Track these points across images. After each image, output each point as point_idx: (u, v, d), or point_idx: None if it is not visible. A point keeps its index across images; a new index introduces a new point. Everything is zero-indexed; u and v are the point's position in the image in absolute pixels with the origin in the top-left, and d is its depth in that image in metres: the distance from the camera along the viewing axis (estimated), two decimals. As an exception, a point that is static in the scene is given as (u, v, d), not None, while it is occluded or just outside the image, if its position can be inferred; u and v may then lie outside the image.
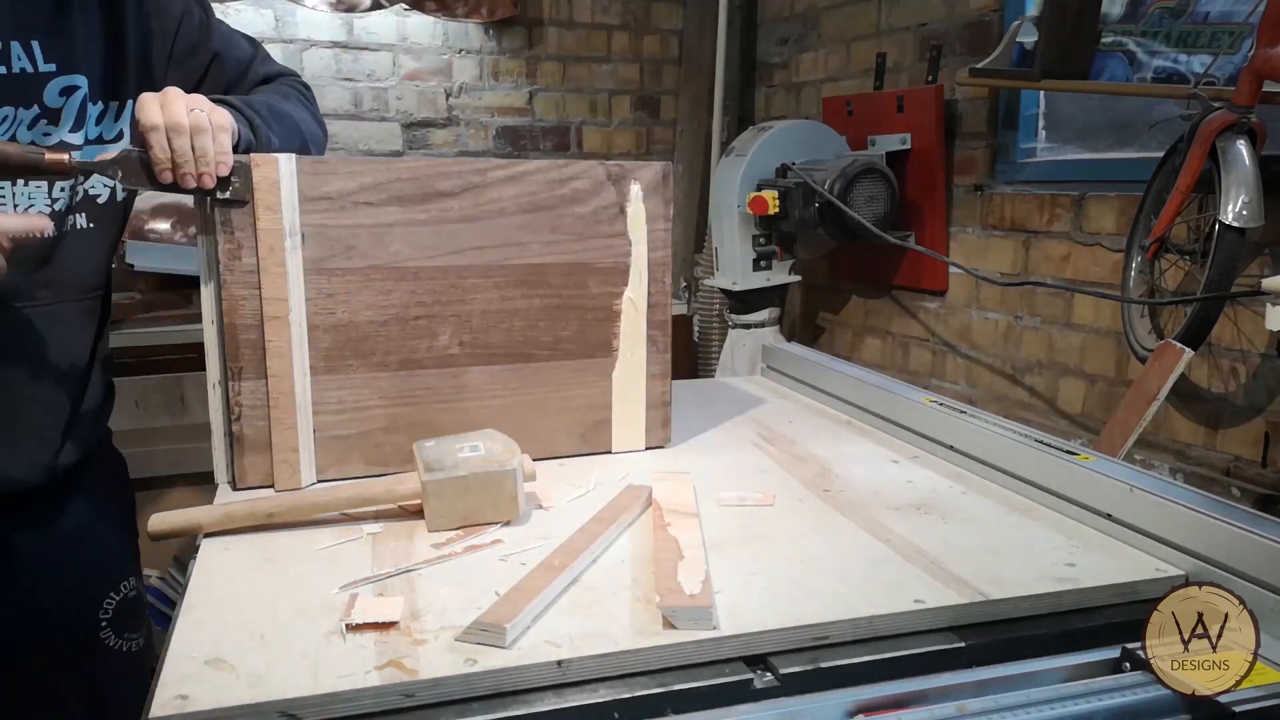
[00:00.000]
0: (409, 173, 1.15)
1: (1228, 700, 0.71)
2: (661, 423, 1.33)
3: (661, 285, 1.29)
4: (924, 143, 2.83)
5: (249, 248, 1.09)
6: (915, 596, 0.85)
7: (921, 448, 1.33)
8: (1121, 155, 2.43)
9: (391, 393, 1.18)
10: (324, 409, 1.15)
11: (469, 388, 1.22)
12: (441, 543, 0.98)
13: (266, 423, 1.12)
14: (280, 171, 1.08)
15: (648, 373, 1.30)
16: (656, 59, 3.84)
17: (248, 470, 1.13)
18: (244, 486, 1.13)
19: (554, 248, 1.22)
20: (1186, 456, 2.18)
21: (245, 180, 1.07)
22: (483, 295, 1.20)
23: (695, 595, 0.82)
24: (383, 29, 3.45)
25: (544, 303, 1.23)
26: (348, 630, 0.78)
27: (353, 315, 1.15)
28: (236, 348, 1.10)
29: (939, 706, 0.71)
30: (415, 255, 1.16)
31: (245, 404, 1.12)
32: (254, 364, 1.11)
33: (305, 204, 1.11)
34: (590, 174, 1.23)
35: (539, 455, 1.25)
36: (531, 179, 1.20)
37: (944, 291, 2.89)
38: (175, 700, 0.68)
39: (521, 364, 1.24)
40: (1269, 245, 1.97)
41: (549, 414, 1.27)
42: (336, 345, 1.15)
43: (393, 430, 1.19)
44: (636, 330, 1.29)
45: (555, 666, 0.74)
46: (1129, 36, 2.26)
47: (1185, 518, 0.94)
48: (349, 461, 1.18)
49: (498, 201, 1.19)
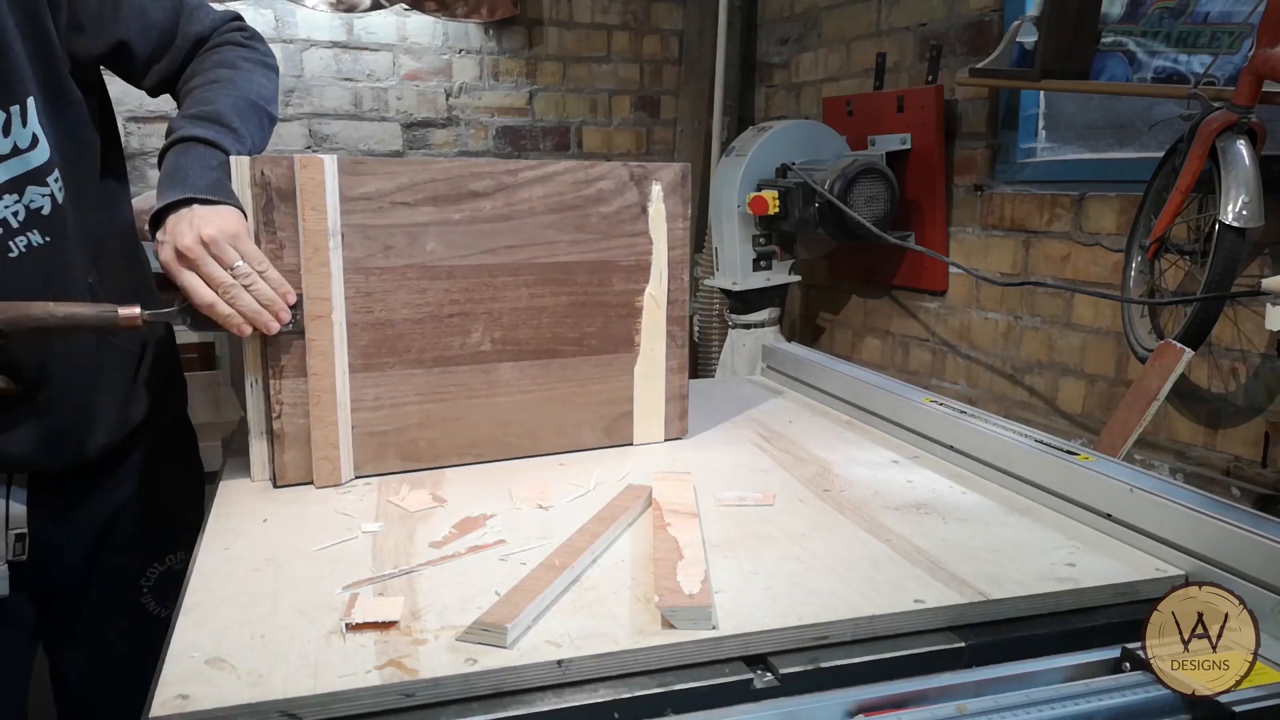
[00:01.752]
0: (443, 173, 1.16)
1: (1228, 700, 0.71)
2: (680, 415, 1.36)
3: (680, 282, 1.31)
4: (924, 143, 2.83)
5: (291, 247, 1.09)
6: (915, 596, 0.85)
7: (921, 448, 1.33)
8: (1121, 155, 2.44)
9: (426, 389, 1.20)
10: (361, 406, 1.17)
11: (499, 383, 1.24)
12: (440, 542, 0.98)
13: (306, 420, 1.14)
14: (325, 172, 1.09)
15: (666, 366, 1.33)
16: (656, 59, 3.84)
17: (288, 467, 1.14)
18: (283, 484, 1.14)
19: (580, 246, 1.25)
20: (1186, 456, 2.18)
21: (299, 307, 1.10)
22: (513, 293, 1.22)
23: (694, 595, 0.82)
24: (383, 29, 3.45)
25: (570, 300, 1.25)
26: (348, 630, 0.78)
27: (390, 314, 1.16)
28: (278, 347, 1.11)
29: (939, 706, 0.71)
30: (449, 254, 1.18)
31: (286, 402, 1.13)
32: (295, 362, 1.12)
33: (344, 204, 1.12)
34: (614, 174, 1.25)
35: (565, 449, 1.29)
36: (559, 179, 1.22)
37: (944, 291, 2.89)
38: (175, 700, 0.68)
39: (549, 359, 1.26)
40: (1269, 245, 1.98)
41: (574, 408, 1.29)
42: (374, 343, 1.16)
43: (426, 425, 1.21)
44: (657, 326, 1.31)
45: (555, 666, 0.74)
46: (1129, 36, 2.26)
47: (1185, 518, 0.94)
48: (385, 457, 1.19)
49: (527, 201, 1.21)
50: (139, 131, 3.17)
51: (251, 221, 1.08)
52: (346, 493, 1.13)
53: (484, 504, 1.09)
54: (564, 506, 1.09)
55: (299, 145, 3.42)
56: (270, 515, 1.06)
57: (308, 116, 3.42)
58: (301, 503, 1.10)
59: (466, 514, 1.06)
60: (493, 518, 1.05)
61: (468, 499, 1.11)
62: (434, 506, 1.08)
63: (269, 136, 1.19)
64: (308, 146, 3.42)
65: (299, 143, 3.42)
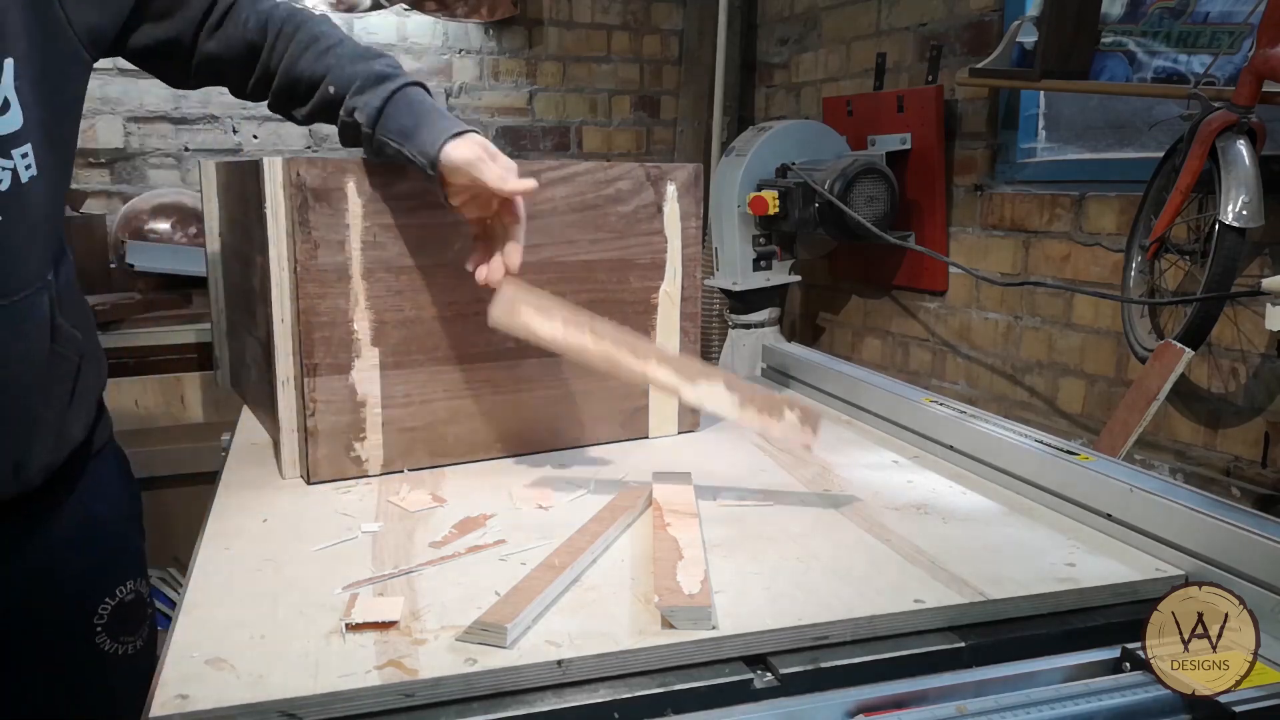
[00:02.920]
0: None
1: (1228, 700, 0.71)
2: (692, 408, 1.39)
3: (693, 279, 1.37)
4: (924, 143, 2.83)
5: (325, 246, 1.11)
6: (915, 596, 0.85)
7: (921, 448, 1.33)
8: (1121, 155, 2.43)
9: (453, 385, 1.22)
10: (392, 403, 1.19)
11: (524, 379, 1.27)
12: (440, 542, 0.98)
13: (340, 417, 1.15)
14: (346, 176, 1.12)
15: None
16: (656, 59, 3.84)
17: (321, 463, 1.16)
18: (316, 480, 1.16)
19: (599, 245, 1.28)
20: (1186, 456, 2.18)
21: None
22: None
23: (694, 595, 0.82)
24: (383, 29, 3.45)
25: (591, 297, 1.28)
26: (348, 630, 0.78)
27: (419, 312, 1.18)
28: (311, 345, 1.13)
29: (939, 706, 0.71)
30: None
31: (320, 399, 1.14)
32: (328, 360, 1.14)
33: (377, 205, 1.14)
34: (632, 175, 1.29)
35: (584, 442, 1.32)
36: (580, 179, 1.25)
37: (944, 291, 2.89)
38: (175, 700, 0.68)
39: None
40: (1269, 245, 1.97)
41: (594, 402, 1.33)
42: (404, 341, 1.18)
43: (453, 421, 1.23)
44: (671, 322, 1.37)
45: (555, 666, 0.74)
46: (1129, 36, 2.26)
47: (1185, 518, 0.94)
48: (414, 452, 1.21)
49: (550, 201, 1.24)
50: (139, 132, 3.17)
51: (286, 222, 1.10)
52: (346, 492, 1.13)
53: (484, 504, 1.09)
54: (564, 506, 1.09)
55: (299, 145, 3.41)
56: (270, 515, 1.06)
57: (308, 116, 3.41)
58: (301, 502, 1.10)
59: (466, 514, 1.06)
60: (493, 517, 1.05)
61: (467, 499, 1.11)
62: (434, 506, 1.09)
63: None
64: (308, 146, 3.42)
65: (299, 142, 3.42)
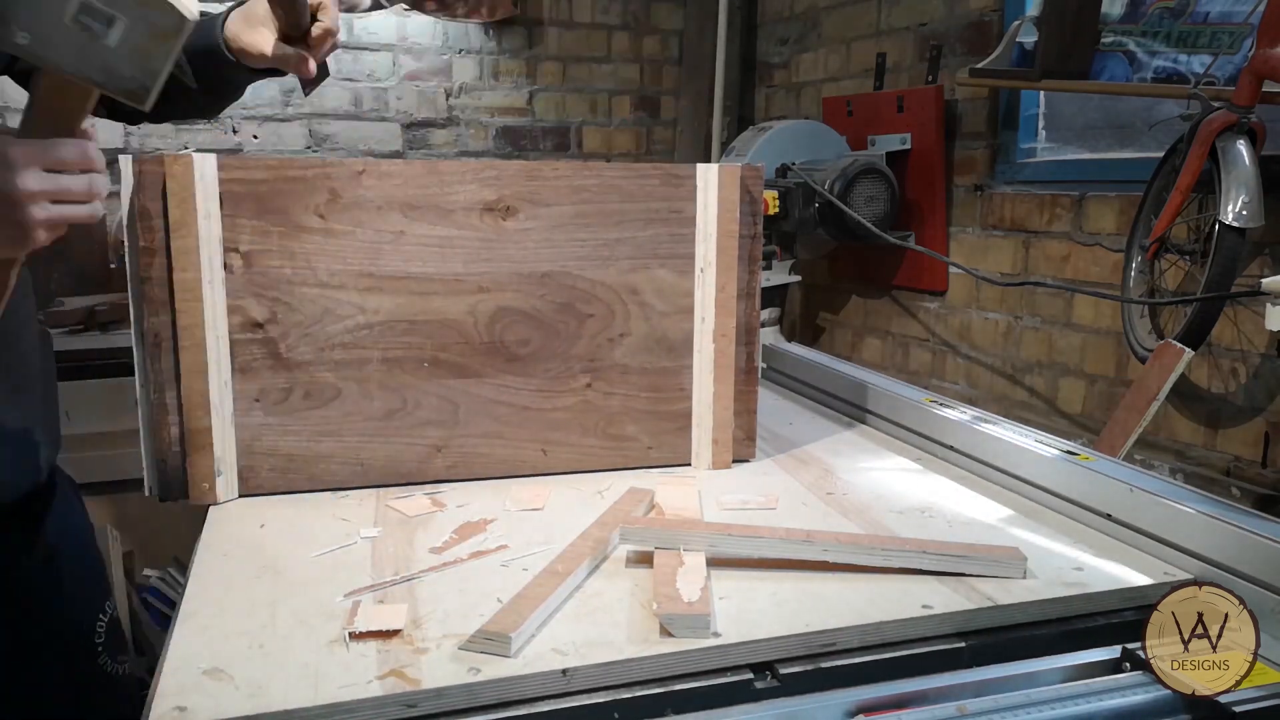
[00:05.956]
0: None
1: (1228, 700, 0.71)
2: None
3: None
4: (924, 143, 2.83)
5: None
6: (923, 602, 0.85)
7: (923, 449, 1.32)
8: (1121, 155, 2.43)
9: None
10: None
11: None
12: (441, 547, 0.97)
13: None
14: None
15: None
16: (656, 59, 3.84)
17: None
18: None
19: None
20: (1186, 456, 2.18)
21: None
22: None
23: (693, 603, 0.81)
24: (383, 29, 3.45)
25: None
26: (351, 638, 0.77)
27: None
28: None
29: (939, 707, 0.71)
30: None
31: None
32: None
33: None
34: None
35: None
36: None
37: (944, 291, 2.89)
38: (173, 712, 0.67)
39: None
40: (1269, 245, 1.97)
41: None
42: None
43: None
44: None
45: (560, 675, 0.74)
46: (1129, 36, 2.25)
47: (1185, 518, 0.94)
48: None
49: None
50: (138, 132, 3.17)
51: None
52: (344, 497, 1.13)
53: (483, 508, 1.08)
54: (565, 510, 1.09)
55: (299, 145, 3.41)
56: (267, 521, 1.05)
57: (307, 116, 3.41)
58: (299, 508, 1.09)
59: (466, 519, 1.05)
60: (493, 522, 1.04)
61: (466, 504, 1.10)
62: (433, 511, 1.08)
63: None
64: (308, 146, 3.42)
65: (299, 143, 3.41)
